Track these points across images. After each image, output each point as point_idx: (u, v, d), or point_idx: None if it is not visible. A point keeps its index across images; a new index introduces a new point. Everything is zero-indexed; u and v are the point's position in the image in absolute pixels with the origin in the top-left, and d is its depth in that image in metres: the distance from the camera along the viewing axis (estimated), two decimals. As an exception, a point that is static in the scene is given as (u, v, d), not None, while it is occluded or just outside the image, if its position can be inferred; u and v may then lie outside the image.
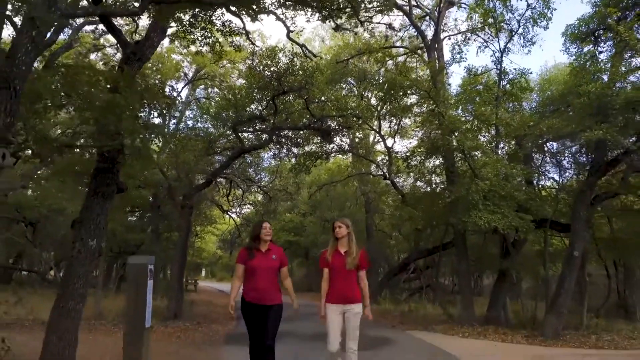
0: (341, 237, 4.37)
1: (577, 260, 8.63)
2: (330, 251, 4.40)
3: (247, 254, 4.36)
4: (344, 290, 4.26)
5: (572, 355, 6.84)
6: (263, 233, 4.38)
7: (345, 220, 4.54)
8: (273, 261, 4.40)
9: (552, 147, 11.92)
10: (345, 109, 11.47)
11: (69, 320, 4.45)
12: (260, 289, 4.26)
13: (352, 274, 4.30)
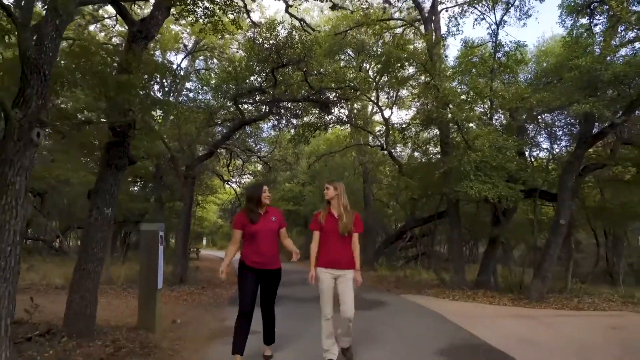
0: (330, 199, 4.26)
1: (562, 228, 9.06)
2: (323, 214, 4.28)
3: (246, 219, 4.17)
4: (336, 255, 4.16)
5: (553, 316, 7.34)
6: (263, 197, 4.22)
7: (334, 182, 4.38)
8: (273, 223, 4.26)
9: (546, 118, 12.24)
10: (344, 81, 11.67)
11: (89, 282, 4.88)
12: (264, 253, 4.14)
13: (346, 239, 4.19)
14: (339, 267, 4.16)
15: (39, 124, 3.01)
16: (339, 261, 4.16)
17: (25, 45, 2.98)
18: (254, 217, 4.17)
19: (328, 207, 4.30)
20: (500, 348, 4.99)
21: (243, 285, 4.17)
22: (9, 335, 2.86)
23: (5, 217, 2.86)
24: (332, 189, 4.28)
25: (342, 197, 4.26)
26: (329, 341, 4.18)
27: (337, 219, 4.18)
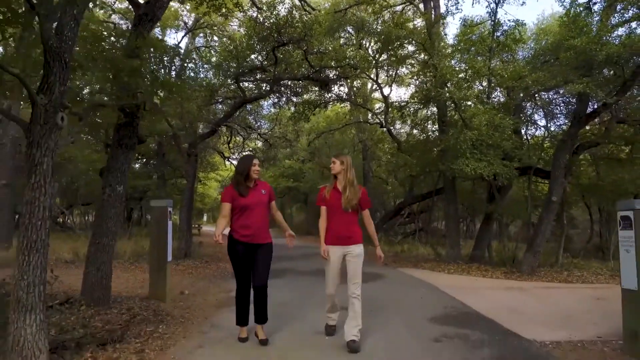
0: (336, 174, 4.11)
1: (554, 205, 9.36)
2: (328, 188, 4.16)
3: (234, 192, 4.05)
4: (341, 231, 4.03)
5: (542, 288, 7.70)
6: (252, 170, 4.08)
7: (341, 156, 4.20)
8: (263, 196, 4.14)
9: (543, 97, 12.39)
10: (343, 60, 11.79)
11: (104, 254, 5.20)
12: (254, 226, 4.02)
13: (352, 215, 4.07)
14: (345, 243, 4.05)
15: (62, 109, 3.25)
16: (346, 237, 4.04)
17: (47, 35, 3.19)
18: (243, 190, 4.03)
19: (334, 182, 4.15)
20: (489, 316, 5.34)
21: (235, 259, 4.10)
22: (43, 300, 3.17)
23: (35, 195, 3.13)
24: (338, 163, 4.11)
25: (348, 172, 4.08)
26: (331, 313, 4.29)
27: (342, 194, 4.05)
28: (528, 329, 4.69)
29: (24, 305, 3.06)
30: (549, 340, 4.29)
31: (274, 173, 28.05)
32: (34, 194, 3.12)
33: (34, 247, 3.10)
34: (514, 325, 4.85)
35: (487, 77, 11.00)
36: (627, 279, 3.92)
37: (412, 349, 3.99)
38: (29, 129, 3.18)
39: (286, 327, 4.68)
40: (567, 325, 4.93)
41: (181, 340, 4.23)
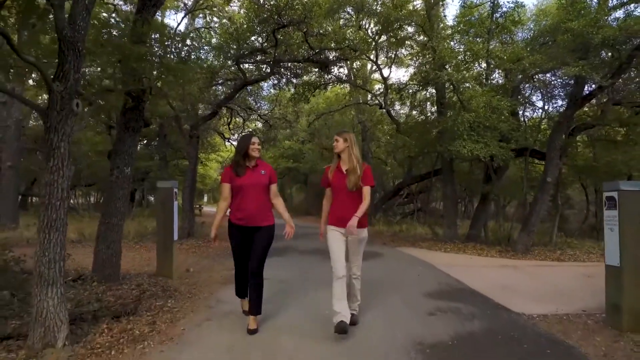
0: (340, 152, 3.91)
1: (549, 185, 9.59)
2: (332, 168, 3.98)
3: (233, 172, 3.92)
4: (346, 212, 3.77)
5: (534, 266, 7.98)
6: (251, 149, 3.90)
7: (344, 133, 3.97)
8: (262, 177, 3.94)
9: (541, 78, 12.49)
10: (343, 41, 11.85)
11: (114, 233, 5.43)
12: (250, 208, 3.86)
13: (357, 195, 3.84)
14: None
15: (77, 95, 3.43)
16: (348, 219, 3.74)
17: (62, 25, 3.34)
18: (240, 170, 3.89)
19: (337, 161, 3.96)
20: (481, 292, 5.61)
21: (232, 243, 4.01)
22: (62, 275, 3.39)
23: (53, 177, 3.33)
24: (341, 141, 3.90)
25: (353, 150, 3.89)
26: (341, 304, 3.70)
27: (346, 174, 3.85)
28: (518, 304, 4.95)
29: (46, 279, 3.29)
30: (537, 314, 4.55)
31: (273, 154, 28.22)
32: (53, 176, 3.32)
33: (53, 226, 3.32)
34: (505, 301, 5.12)
35: (485, 59, 11.10)
36: (610, 256, 4.16)
37: (407, 322, 4.24)
38: (46, 114, 3.35)
39: (287, 302, 4.94)
40: (555, 300, 5.19)
41: (189, 313, 4.49)
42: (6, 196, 11.31)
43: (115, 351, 3.38)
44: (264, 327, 4.02)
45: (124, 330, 3.81)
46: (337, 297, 3.73)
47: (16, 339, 3.44)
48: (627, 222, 3.99)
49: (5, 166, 11.25)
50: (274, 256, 8.12)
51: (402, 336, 3.79)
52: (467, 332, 3.92)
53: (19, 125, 11.64)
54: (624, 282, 3.99)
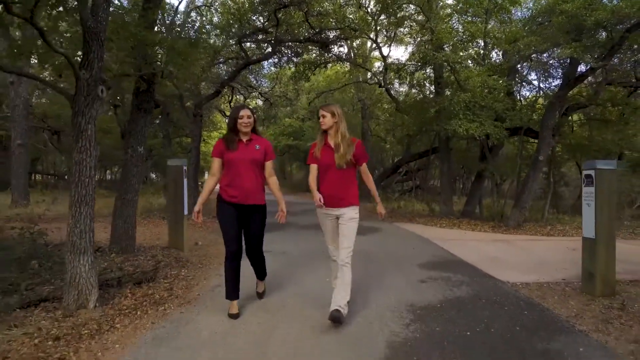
0: (327, 129, 3.61)
1: (541, 163, 9.96)
2: (318, 145, 3.67)
3: (224, 145, 3.65)
4: (334, 191, 3.57)
5: (524, 240, 8.40)
6: (239, 123, 3.61)
7: (330, 106, 3.66)
8: (256, 152, 3.66)
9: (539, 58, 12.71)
10: (344, 21, 12.03)
11: (129, 208, 5.82)
12: (240, 185, 3.59)
13: (347, 173, 3.59)
14: (337, 204, 3.62)
15: (101, 82, 3.76)
16: (338, 198, 3.59)
17: (86, 17, 3.64)
18: (231, 143, 3.62)
19: (325, 137, 3.67)
20: (471, 263, 6.04)
21: (222, 222, 3.70)
22: (92, 244, 3.79)
23: (82, 156, 3.69)
24: (328, 116, 3.59)
25: (340, 125, 3.59)
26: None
27: (334, 151, 3.58)
28: (504, 273, 5.38)
29: (78, 248, 3.69)
30: (520, 282, 4.97)
31: (274, 131, 28.48)
32: (82, 155, 3.69)
33: (83, 201, 3.70)
34: (492, 270, 5.54)
35: (482, 39, 11.32)
36: (587, 229, 4.55)
37: (401, 288, 4.67)
38: (74, 99, 3.69)
39: (289, 270, 5.36)
40: (538, 270, 5.62)
41: (202, 281, 4.92)
42: (17, 174, 11.67)
43: (140, 312, 3.79)
44: (271, 291, 4.44)
45: (146, 294, 4.23)
46: (334, 275, 3.81)
47: (52, 301, 3.86)
48: (601, 197, 4.38)
49: (15, 144, 11.58)
50: (275, 230, 8.56)
51: (395, 300, 4.21)
52: (454, 297, 4.35)
53: (27, 104, 11.91)
54: (597, 252, 4.40)
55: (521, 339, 3.24)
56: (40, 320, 3.45)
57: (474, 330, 3.41)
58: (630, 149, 11.96)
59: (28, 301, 3.73)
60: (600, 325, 3.57)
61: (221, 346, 3.08)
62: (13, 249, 4.73)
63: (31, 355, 2.83)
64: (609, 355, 2.96)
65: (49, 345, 3.00)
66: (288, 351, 2.99)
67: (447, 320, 3.66)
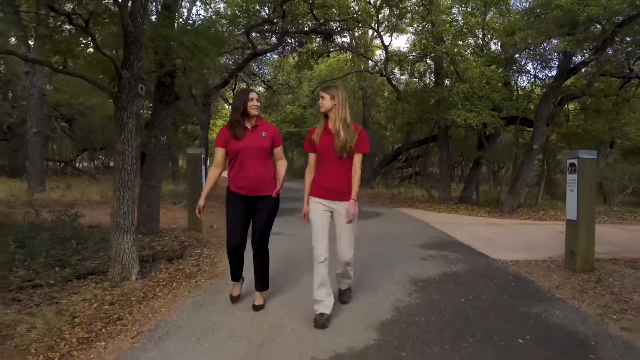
0: (327, 111, 3.32)
1: (535, 151, 10.47)
2: (318, 130, 3.38)
3: (229, 134, 3.41)
4: (333, 182, 3.32)
5: (517, 224, 8.96)
6: (249, 105, 3.39)
7: (330, 88, 3.36)
8: (263, 139, 3.43)
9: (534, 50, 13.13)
10: (347, 12, 12.44)
11: (153, 193, 6.34)
12: (251, 175, 3.38)
13: (346, 162, 3.31)
14: (335, 197, 3.34)
15: (140, 80, 4.25)
16: (337, 190, 3.33)
17: (126, 23, 4.11)
18: (239, 131, 3.38)
19: (324, 122, 3.37)
20: (467, 243, 6.59)
21: (229, 215, 3.52)
22: (133, 224, 4.31)
23: (125, 147, 4.19)
24: (327, 98, 3.31)
25: (340, 109, 3.29)
26: (321, 291, 3.32)
27: (334, 137, 3.27)
28: (496, 253, 5.92)
29: (122, 227, 4.21)
30: (510, 260, 5.53)
31: (275, 118, 28.90)
32: (124, 146, 4.19)
33: (126, 186, 4.21)
34: (486, 250, 6.09)
35: (481, 31, 11.74)
36: (570, 212, 5.09)
37: (403, 265, 5.21)
38: (117, 97, 4.18)
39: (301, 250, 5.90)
40: (528, 250, 6.17)
41: (225, 259, 5.41)
42: (33, 161, 12.15)
43: (175, 283, 4.34)
44: (286, 264, 4.97)
45: (177, 269, 4.77)
46: (318, 282, 3.33)
47: (97, 274, 4.39)
48: (583, 183, 4.90)
49: (31, 132, 12.04)
50: (285, 215, 9.11)
51: (399, 274, 4.75)
52: (451, 272, 4.90)
53: (41, 93, 12.34)
54: (579, 232, 4.94)
55: (507, 304, 3.79)
56: (92, 289, 3.98)
57: (467, 298, 3.96)
58: (621, 138, 12.45)
59: (78, 274, 4.26)
60: (577, 294, 4.12)
61: (251, 309, 3.61)
62: (55, 230, 5.24)
63: (94, 316, 3.37)
64: (580, 316, 3.51)
65: (106, 309, 3.54)
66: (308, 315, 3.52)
67: (445, 290, 4.20)
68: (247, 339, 3.02)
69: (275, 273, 4.62)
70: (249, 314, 3.52)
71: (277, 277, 4.55)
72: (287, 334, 3.12)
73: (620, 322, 3.41)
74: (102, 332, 3.12)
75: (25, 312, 3.32)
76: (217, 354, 2.80)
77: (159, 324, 3.30)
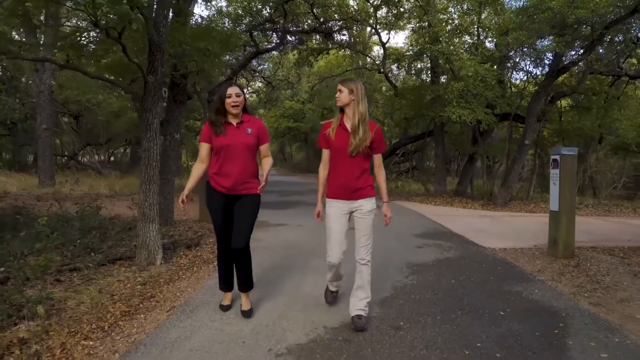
0: (344, 106, 3.14)
1: (527, 147, 10.97)
2: (333, 125, 3.18)
3: (212, 129, 3.23)
4: (348, 181, 3.15)
5: (508, 216, 9.46)
6: (227, 103, 3.16)
7: (349, 82, 3.15)
8: (248, 136, 3.25)
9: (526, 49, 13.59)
10: (346, 13, 12.86)
11: (169, 186, 6.81)
12: (231, 173, 3.19)
13: (362, 160, 3.16)
14: (352, 196, 3.20)
15: (164, 84, 4.70)
16: (354, 189, 3.18)
17: (151, 33, 4.56)
18: (217, 128, 3.20)
19: (340, 117, 3.18)
20: (459, 233, 7.09)
21: (212, 215, 3.40)
22: (157, 215, 4.78)
23: (150, 145, 4.65)
24: (346, 92, 3.11)
25: (360, 104, 3.10)
26: (335, 282, 3.53)
27: (350, 134, 3.10)
28: (486, 241, 6.42)
29: (148, 217, 4.68)
30: (498, 248, 6.03)
31: (274, 114, 29.35)
32: (150, 144, 4.65)
33: (151, 180, 4.68)
34: (477, 239, 6.59)
35: (475, 31, 12.21)
36: (553, 203, 5.58)
37: (400, 252, 5.70)
38: (143, 99, 4.64)
39: (306, 236, 6.39)
40: (515, 239, 6.67)
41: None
42: (44, 156, 12.58)
43: (196, 268, 4.81)
44: (293, 248, 5.45)
45: (196, 255, 5.25)
46: (331, 277, 3.45)
47: (125, 260, 4.86)
48: (564, 177, 5.39)
49: (41, 129, 12.45)
50: (288, 208, 9.61)
51: (397, 260, 5.24)
52: (444, 258, 5.39)
53: (50, 90, 12.73)
54: (560, 222, 5.43)
55: (492, 285, 4.29)
56: (123, 272, 4.46)
57: (458, 279, 4.45)
58: (609, 134, 12.97)
59: (109, 259, 4.73)
60: (555, 276, 4.62)
61: (265, 288, 4.09)
62: (82, 220, 5.71)
63: (130, 294, 3.84)
64: (555, 294, 4.00)
65: (139, 288, 4.01)
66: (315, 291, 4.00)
67: (438, 273, 4.69)
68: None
69: (282, 260, 5.11)
70: (265, 291, 4.01)
71: (288, 260, 5.04)
72: (299, 309, 3.60)
73: (589, 299, 3.91)
74: (140, 307, 3.60)
75: (71, 290, 3.80)
76: (245, 322, 3.28)
77: (188, 300, 3.78)
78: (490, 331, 3.13)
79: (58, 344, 2.83)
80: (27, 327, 3.03)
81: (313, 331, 3.15)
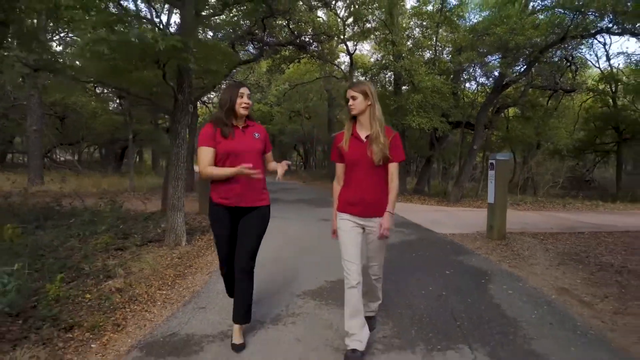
0: (359, 114, 2.84)
1: (475, 151, 12.70)
2: (346, 136, 2.90)
3: (219, 131, 2.89)
4: (366, 195, 2.84)
5: (459, 210, 11.11)
6: (238, 103, 2.91)
7: (361, 85, 2.84)
8: (256, 141, 3.00)
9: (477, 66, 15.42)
10: (319, 29, 14.26)
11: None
12: (237, 183, 2.87)
13: (380, 172, 2.85)
14: (369, 214, 2.88)
15: (190, 101, 5.92)
16: (371, 205, 2.87)
17: (187, 60, 5.78)
18: (227, 130, 2.89)
19: (352, 126, 2.91)
20: (418, 223, 8.61)
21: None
22: (184, 205, 5.98)
23: (178, 150, 5.86)
24: (360, 98, 2.81)
25: (375, 109, 2.84)
26: (354, 322, 2.81)
27: (367, 142, 2.83)
28: (439, 229, 7.95)
29: (176, 207, 5.90)
30: (448, 233, 7.56)
31: (243, 118, 30.29)
32: (178, 149, 5.87)
33: (180, 177, 5.90)
34: (432, 227, 8.12)
35: (433, 49, 13.89)
36: (489, 198, 7.14)
37: (372, 236, 7.12)
38: (173, 114, 5.85)
39: (292, 223, 7.71)
40: (462, 227, 8.24)
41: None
42: (33, 156, 13.28)
43: (213, 247, 6.05)
44: (286, 237, 6.76)
45: (209, 239, 6.49)
46: (350, 311, 2.82)
47: (154, 242, 6.03)
48: (498, 177, 6.96)
49: (31, 130, 13.16)
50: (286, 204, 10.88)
51: (370, 242, 6.66)
52: (406, 240, 6.86)
53: (40, 93, 13.45)
54: (495, 212, 7.00)
55: (442, 256, 5.77)
56: (158, 251, 5.65)
57: (417, 254, 5.91)
58: (546, 141, 14.97)
59: (144, 241, 5.90)
60: (489, 251, 6.16)
61: (275, 265, 5.39)
62: (113, 213, 6.82)
63: (169, 266, 5.06)
64: (486, 262, 5.52)
65: (176, 261, 5.24)
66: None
67: (401, 250, 6.14)
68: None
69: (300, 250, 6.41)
70: (274, 267, 5.32)
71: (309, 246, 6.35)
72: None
73: (509, 264, 5.45)
74: (185, 272, 4.84)
75: (129, 261, 4.99)
76: (268, 282, 4.59)
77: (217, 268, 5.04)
78: (439, 282, 4.59)
79: (142, 292, 4.07)
80: (114, 282, 4.23)
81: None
